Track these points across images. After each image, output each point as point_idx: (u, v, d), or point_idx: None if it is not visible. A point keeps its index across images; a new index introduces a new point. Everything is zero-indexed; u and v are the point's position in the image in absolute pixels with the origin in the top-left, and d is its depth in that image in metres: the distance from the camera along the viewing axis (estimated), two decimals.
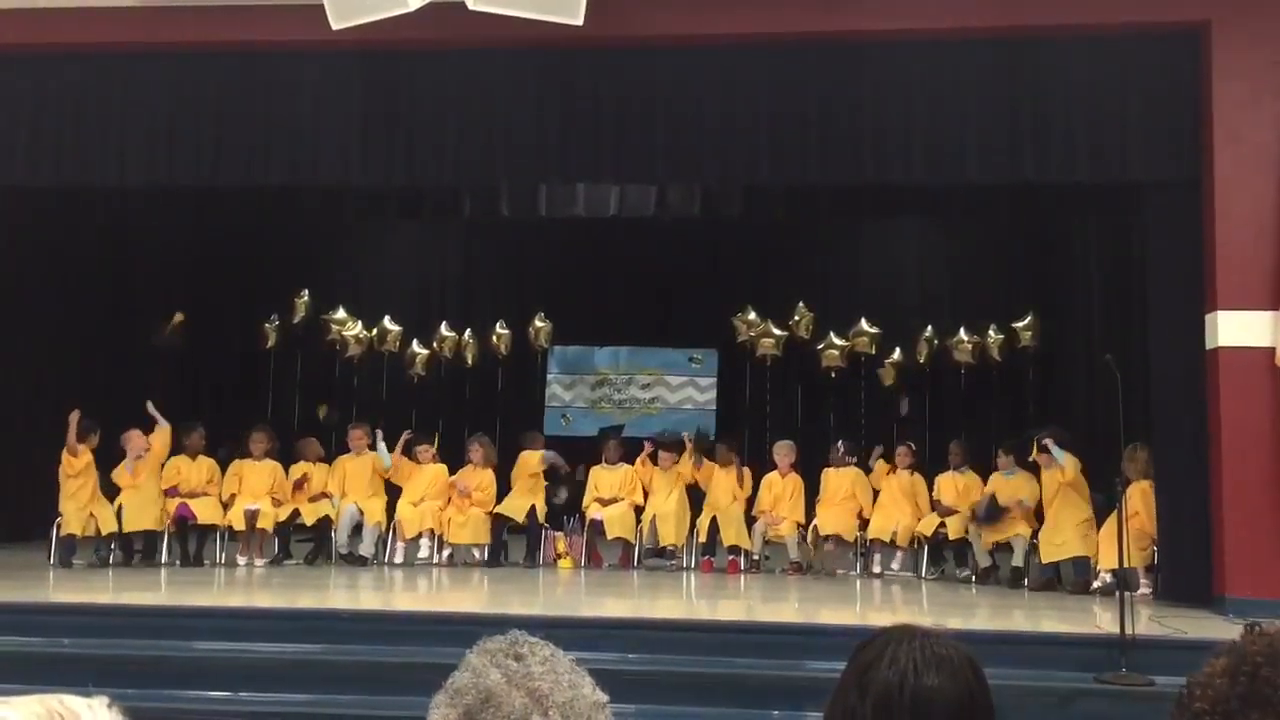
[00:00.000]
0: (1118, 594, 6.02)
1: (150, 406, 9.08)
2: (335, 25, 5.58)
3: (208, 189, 8.94)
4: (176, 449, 9.24)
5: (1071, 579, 8.11)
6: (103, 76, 8.09)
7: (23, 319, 9.83)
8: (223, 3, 7.77)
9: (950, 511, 8.93)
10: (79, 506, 8.59)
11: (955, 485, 9.18)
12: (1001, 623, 7.10)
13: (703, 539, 9.22)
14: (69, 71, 8.11)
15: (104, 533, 8.66)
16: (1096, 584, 7.90)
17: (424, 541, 9.20)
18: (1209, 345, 7.23)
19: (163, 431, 9.02)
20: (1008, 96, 7.53)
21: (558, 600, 7.93)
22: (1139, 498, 7.78)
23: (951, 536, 8.87)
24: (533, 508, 9.36)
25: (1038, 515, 8.60)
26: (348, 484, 9.45)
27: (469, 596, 8.13)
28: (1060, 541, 8.21)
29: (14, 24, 7.92)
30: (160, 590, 7.84)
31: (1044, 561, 8.31)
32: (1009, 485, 8.79)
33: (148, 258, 11.64)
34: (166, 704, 5.44)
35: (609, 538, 9.36)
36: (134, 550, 8.81)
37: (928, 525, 8.94)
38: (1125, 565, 6.45)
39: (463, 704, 1.17)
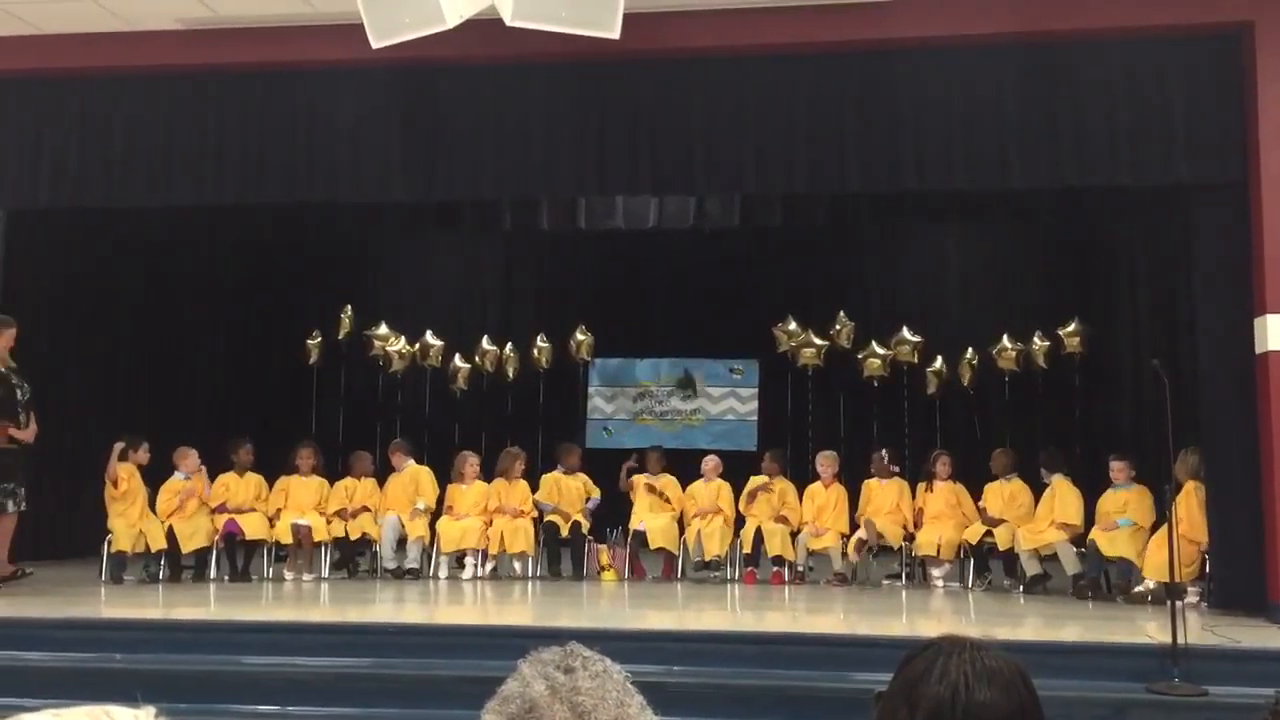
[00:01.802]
0: (1169, 602, 5.93)
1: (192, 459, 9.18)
2: (375, 44, 5.62)
3: (251, 207, 9.05)
4: (226, 464, 9.37)
5: (1115, 580, 8.03)
6: (148, 98, 8.22)
7: (72, 336, 9.99)
8: (264, 25, 7.87)
9: (997, 521, 8.83)
10: (129, 524, 8.71)
11: (1000, 494, 9.08)
12: (1050, 633, 7.03)
13: (747, 550, 9.17)
14: (116, 93, 8.25)
15: (153, 549, 8.77)
16: (1140, 588, 7.78)
17: (469, 561, 9.22)
18: (1259, 349, 7.10)
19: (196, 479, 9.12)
20: (1048, 100, 7.45)
21: (601, 612, 7.92)
22: (1182, 499, 7.64)
23: (1001, 547, 8.77)
24: (576, 523, 9.37)
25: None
26: (390, 499, 9.50)
27: (513, 610, 8.14)
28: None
29: (61, 48, 8.08)
30: (209, 605, 7.92)
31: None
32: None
33: (192, 276, 11.80)
34: (216, 717, 5.50)
35: (652, 548, 9.35)
36: (182, 567, 8.92)
37: (973, 534, 8.85)
38: (1175, 572, 6.33)
39: (507, 712, 1.18)
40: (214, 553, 9.01)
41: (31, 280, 9.46)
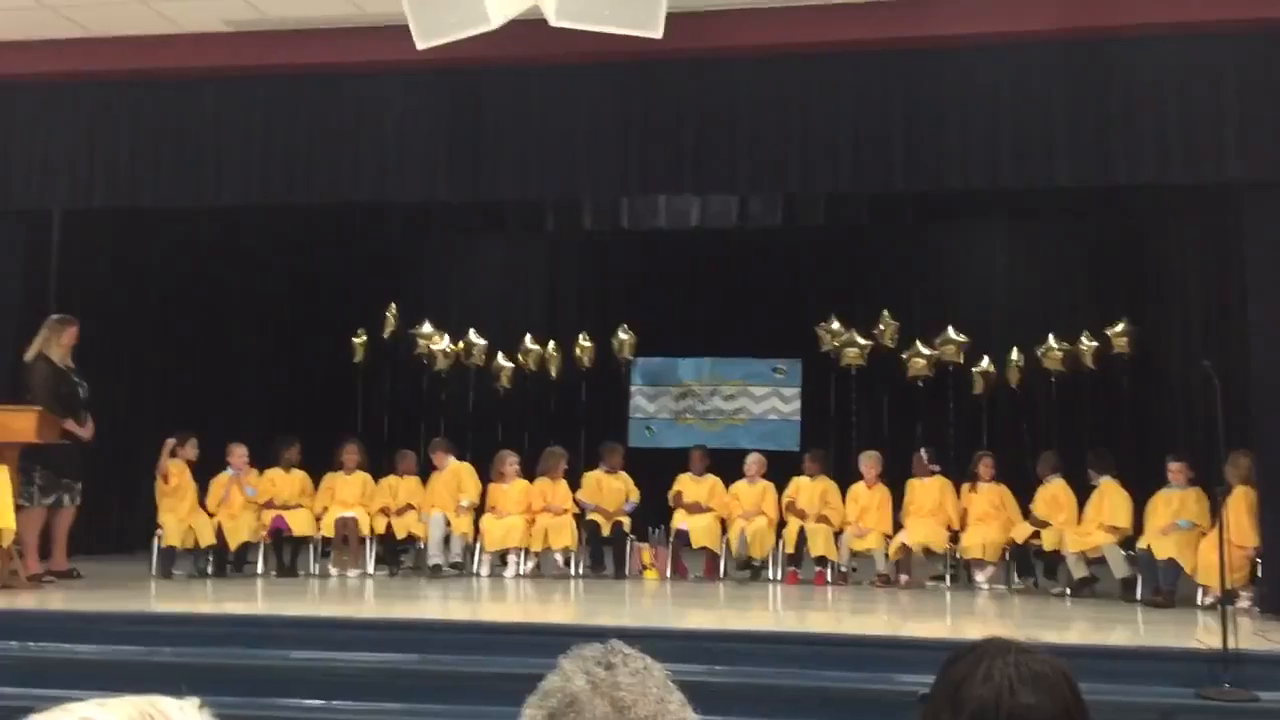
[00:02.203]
0: (1220, 607, 5.84)
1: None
2: (420, 45, 5.66)
3: (299, 207, 9.15)
4: (274, 461, 9.49)
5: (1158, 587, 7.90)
6: (197, 99, 8.33)
7: (124, 334, 10.14)
8: (311, 26, 7.95)
9: (1044, 523, 8.73)
10: (178, 519, 8.83)
11: (1043, 495, 8.98)
12: (1097, 636, 6.94)
13: (789, 550, 9.14)
14: (165, 94, 8.37)
15: (202, 545, 8.89)
16: (1209, 600, 7.60)
17: (511, 558, 9.26)
18: None
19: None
20: (1097, 97, 7.35)
21: (643, 611, 7.93)
22: (1231, 503, 7.50)
23: (1046, 548, 8.67)
24: (617, 522, 9.38)
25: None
26: (434, 497, 9.56)
27: (556, 608, 8.17)
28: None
29: (112, 51, 8.21)
30: (257, 600, 8.02)
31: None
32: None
33: (241, 275, 11.94)
34: (263, 712, 5.55)
35: (694, 547, 9.34)
36: (228, 562, 9.04)
37: (1021, 533, 8.76)
38: (1225, 576, 6.22)
39: (548, 706, 1.19)
40: (261, 548, 9.13)
41: (85, 279, 9.62)
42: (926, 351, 11.49)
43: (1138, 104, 7.30)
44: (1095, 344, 10.92)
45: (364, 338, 12.20)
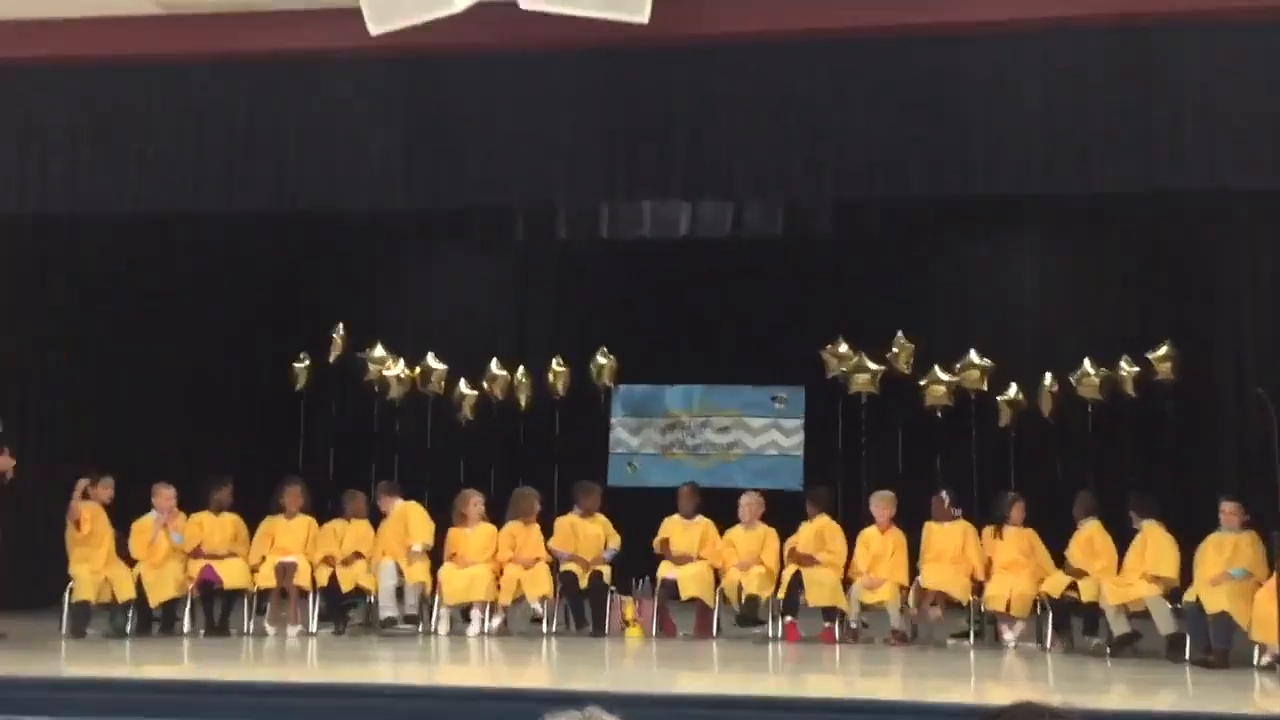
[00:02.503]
0: (1278, 667, 5.85)
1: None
2: (374, 30, 5.70)
3: (235, 214, 9.13)
4: (202, 504, 9.43)
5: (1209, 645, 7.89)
6: (122, 91, 8.29)
7: (32, 359, 10.09)
8: (253, 9, 7.95)
9: (1081, 573, 8.74)
10: (93, 570, 8.75)
11: (1079, 541, 8.99)
12: (1141, 701, 6.96)
13: (780, 594, 9.04)
14: (85, 86, 8.32)
15: (120, 599, 8.81)
16: (1267, 659, 7.60)
17: (474, 614, 9.22)
18: None
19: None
20: (1139, 91, 7.41)
21: (625, 674, 7.92)
22: None
23: (1084, 599, 8.68)
24: (596, 572, 9.35)
25: None
26: (384, 544, 9.51)
27: (526, 671, 8.14)
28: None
29: (24, 36, 8.15)
30: (183, 662, 7.96)
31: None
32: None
33: (168, 291, 11.87)
34: None
35: (684, 598, 9.30)
36: (151, 619, 8.97)
37: (1054, 586, 8.77)
38: None
39: None
40: (188, 603, 9.06)
41: None
42: (946, 378, 11.54)
43: (1185, 99, 7.37)
44: (1136, 369, 10.98)
45: (307, 362, 12.16)
